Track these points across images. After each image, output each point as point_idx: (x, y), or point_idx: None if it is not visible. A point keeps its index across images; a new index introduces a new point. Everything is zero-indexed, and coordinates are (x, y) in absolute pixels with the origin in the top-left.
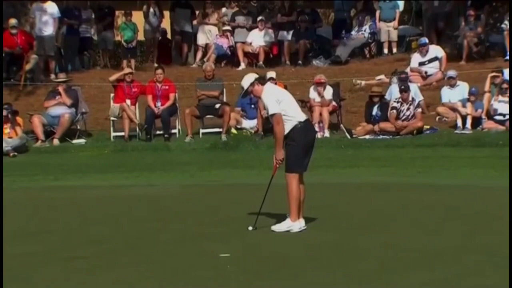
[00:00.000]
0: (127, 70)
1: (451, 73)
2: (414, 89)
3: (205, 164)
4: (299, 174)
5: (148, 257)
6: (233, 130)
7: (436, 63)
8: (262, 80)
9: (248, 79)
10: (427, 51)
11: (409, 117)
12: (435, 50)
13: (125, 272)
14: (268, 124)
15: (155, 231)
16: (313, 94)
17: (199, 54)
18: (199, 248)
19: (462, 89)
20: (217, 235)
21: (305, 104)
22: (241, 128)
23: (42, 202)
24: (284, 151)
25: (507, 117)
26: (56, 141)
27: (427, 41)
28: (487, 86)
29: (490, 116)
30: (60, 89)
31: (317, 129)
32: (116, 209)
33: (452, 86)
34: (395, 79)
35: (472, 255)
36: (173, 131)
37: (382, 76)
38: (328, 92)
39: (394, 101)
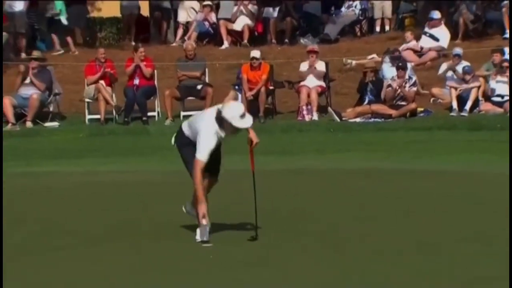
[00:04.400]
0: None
1: (458, 50)
2: (409, 68)
3: None
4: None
5: (130, 248)
6: None
7: (433, 43)
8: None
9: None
10: (433, 26)
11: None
12: (442, 33)
13: (108, 263)
14: (254, 107)
15: (136, 221)
16: (304, 67)
17: (180, 32)
18: (182, 238)
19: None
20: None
21: (292, 85)
22: None
23: (14, 190)
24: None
25: (506, 98)
26: (29, 124)
27: (435, 17)
28: (483, 68)
29: (487, 97)
30: (31, 75)
31: (305, 112)
32: (93, 196)
33: (456, 65)
34: (387, 59)
35: (469, 244)
36: (152, 113)
37: (374, 55)
38: (321, 65)
39: (390, 79)
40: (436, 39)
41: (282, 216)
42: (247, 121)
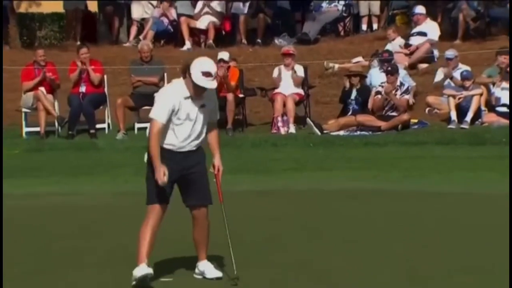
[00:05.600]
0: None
1: (452, 53)
2: (402, 73)
3: (142, 166)
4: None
5: (72, 282)
6: None
7: (423, 40)
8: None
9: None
10: (416, 24)
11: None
12: (429, 27)
13: None
14: (221, 118)
15: (79, 251)
16: (276, 72)
17: (134, 31)
18: (130, 270)
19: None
20: (156, 256)
21: (265, 93)
22: None
23: None
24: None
25: None
26: None
27: (418, 11)
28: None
29: (491, 107)
30: None
31: (280, 123)
32: (33, 222)
33: (452, 70)
34: (375, 62)
35: (465, 276)
36: (101, 125)
37: (360, 58)
38: (299, 70)
39: (379, 86)
40: (424, 34)
41: (252, 244)
42: (211, 83)
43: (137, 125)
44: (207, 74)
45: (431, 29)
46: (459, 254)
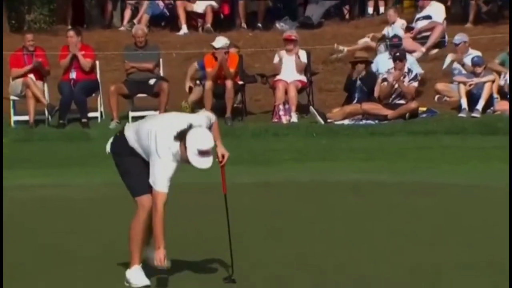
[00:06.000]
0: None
1: (459, 37)
2: (410, 59)
3: None
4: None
5: (67, 278)
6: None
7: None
8: None
9: None
10: (422, 8)
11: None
12: (434, 9)
13: None
14: (220, 106)
15: (73, 245)
16: (278, 58)
17: (128, 14)
18: (126, 266)
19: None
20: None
21: (266, 79)
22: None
23: None
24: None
25: None
26: None
27: None
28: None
29: (504, 94)
30: None
31: (281, 112)
32: (23, 216)
33: (463, 56)
34: (382, 47)
35: (472, 272)
36: (93, 114)
37: (367, 39)
38: (302, 55)
39: (386, 72)
40: (429, 18)
41: (252, 239)
42: (206, 162)
43: (131, 114)
44: (203, 153)
45: (436, 10)
46: (465, 250)
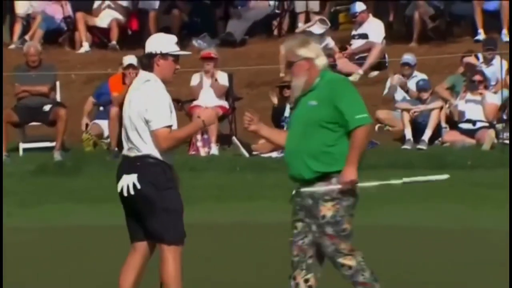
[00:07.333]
0: None
1: (408, 57)
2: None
3: (30, 196)
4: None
5: None
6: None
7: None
8: None
9: None
10: (360, 24)
11: None
12: (371, 27)
13: None
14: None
15: None
16: (196, 80)
17: (18, 29)
18: None
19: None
20: None
21: (181, 105)
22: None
23: None
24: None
25: (479, 125)
26: None
27: (358, 10)
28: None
29: (453, 123)
30: None
31: (199, 143)
32: None
33: (407, 77)
34: None
35: None
36: None
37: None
38: (221, 77)
39: None
40: (365, 37)
41: None
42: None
43: (22, 145)
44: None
45: (373, 29)
46: None
